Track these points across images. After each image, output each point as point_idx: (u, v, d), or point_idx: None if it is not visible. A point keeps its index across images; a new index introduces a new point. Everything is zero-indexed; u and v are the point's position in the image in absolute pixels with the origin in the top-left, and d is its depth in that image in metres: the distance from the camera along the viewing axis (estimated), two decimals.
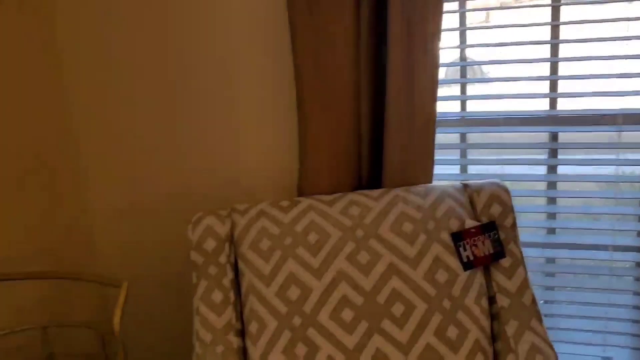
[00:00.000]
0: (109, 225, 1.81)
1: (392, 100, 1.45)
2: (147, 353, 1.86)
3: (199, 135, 1.69)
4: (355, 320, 1.28)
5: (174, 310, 1.81)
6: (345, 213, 1.39)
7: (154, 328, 1.86)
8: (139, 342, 1.84)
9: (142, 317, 1.81)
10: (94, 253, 1.83)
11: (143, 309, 1.81)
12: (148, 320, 1.84)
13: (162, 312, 1.83)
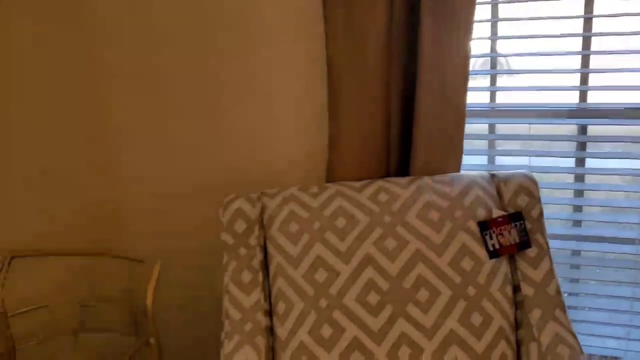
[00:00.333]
0: (140, 205, 1.86)
1: (423, 90, 1.47)
2: (175, 330, 1.91)
3: (232, 121, 1.72)
4: (381, 304, 1.30)
5: (203, 288, 1.86)
6: (374, 199, 1.42)
7: (183, 305, 1.91)
8: (168, 318, 1.89)
9: (171, 295, 1.86)
10: (126, 232, 1.88)
11: (172, 287, 1.86)
12: (177, 297, 1.89)
13: (191, 291, 1.88)
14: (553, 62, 1.67)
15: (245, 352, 1.29)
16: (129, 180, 1.85)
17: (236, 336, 1.32)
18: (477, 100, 1.72)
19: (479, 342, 1.29)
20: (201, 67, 1.69)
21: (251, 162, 1.74)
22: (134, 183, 1.85)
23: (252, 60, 1.66)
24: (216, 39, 1.66)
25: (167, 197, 1.83)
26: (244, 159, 1.74)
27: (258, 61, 1.65)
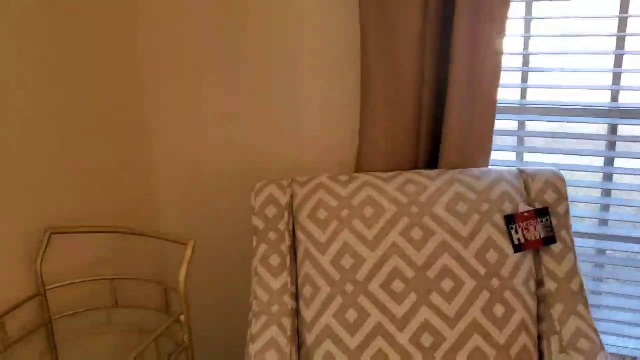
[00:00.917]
0: (173, 187, 1.93)
1: (455, 85, 1.49)
2: (205, 308, 1.97)
3: (265, 109, 1.76)
4: (405, 292, 1.33)
5: (232, 270, 1.91)
6: (402, 190, 1.44)
7: (213, 285, 1.97)
8: (199, 297, 1.96)
9: (201, 275, 1.93)
10: (161, 213, 1.94)
11: (203, 268, 1.92)
12: (207, 277, 1.95)
13: (221, 271, 1.94)
14: (586, 61, 1.67)
15: (272, 331, 1.33)
16: (165, 164, 1.91)
17: (263, 316, 1.36)
18: (508, 97, 1.73)
19: (500, 333, 1.31)
20: (235, 56, 1.73)
21: (283, 150, 1.78)
22: (169, 166, 1.91)
23: (286, 50, 1.69)
24: (250, 28, 1.70)
25: (201, 181, 1.89)
26: (276, 147, 1.78)
27: (292, 51, 1.69)
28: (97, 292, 1.64)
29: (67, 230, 1.49)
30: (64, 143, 1.54)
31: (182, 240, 1.41)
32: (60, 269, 1.55)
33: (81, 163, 1.60)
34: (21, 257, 1.43)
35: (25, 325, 1.46)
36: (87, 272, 1.62)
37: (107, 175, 1.71)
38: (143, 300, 1.61)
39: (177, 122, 1.86)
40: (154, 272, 1.92)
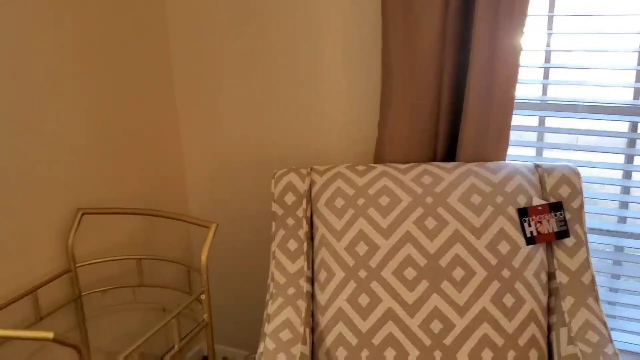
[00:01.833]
0: (200, 174, 2.00)
1: (474, 80, 1.51)
2: (226, 289, 2.04)
3: (288, 102, 1.81)
4: (417, 279, 1.37)
5: (252, 253, 1.98)
6: (417, 181, 1.48)
7: (233, 267, 2.04)
8: (220, 279, 2.03)
9: (223, 257, 2.00)
10: (186, 197, 2.02)
11: (225, 250, 1.99)
12: (229, 260, 2.02)
13: (241, 254, 2.01)
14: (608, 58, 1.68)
15: (287, 312, 1.38)
16: (193, 151, 1.99)
17: (280, 298, 1.41)
18: (529, 93, 1.75)
19: (509, 323, 1.34)
20: (260, 51, 1.79)
21: (306, 140, 1.83)
22: (197, 154, 1.98)
23: (309, 45, 1.74)
24: (274, 23, 1.75)
25: (226, 169, 1.96)
26: (298, 138, 1.84)
27: (314, 46, 1.74)
28: (125, 271, 1.72)
29: (98, 211, 1.57)
30: (99, 129, 1.62)
31: (206, 223, 1.48)
32: (91, 247, 1.63)
33: (114, 149, 1.68)
34: (54, 235, 1.52)
35: (57, 300, 1.54)
36: (116, 252, 1.71)
37: (138, 161, 1.79)
38: (168, 280, 1.69)
39: (205, 113, 1.93)
40: (179, 254, 2.00)
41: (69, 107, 1.52)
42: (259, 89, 1.83)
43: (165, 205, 1.93)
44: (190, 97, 1.93)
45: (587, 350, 1.27)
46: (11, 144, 1.37)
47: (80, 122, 1.56)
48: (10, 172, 1.38)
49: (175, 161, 1.97)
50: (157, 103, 1.85)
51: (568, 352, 1.30)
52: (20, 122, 1.39)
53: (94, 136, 1.61)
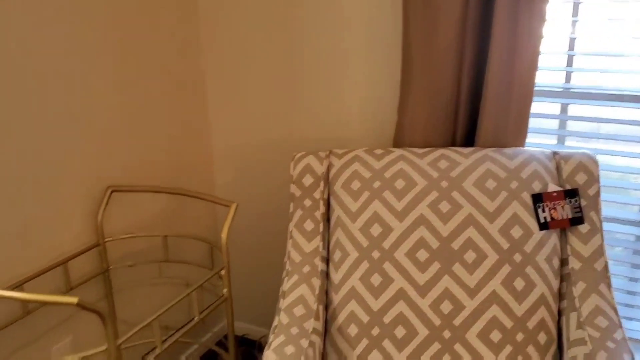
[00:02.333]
0: (226, 156, 2.07)
1: (493, 67, 1.52)
2: (245, 266, 2.12)
3: (311, 87, 1.86)
4: (429, 261, 1.40)
5: (271, 232, 2.04)
6: (434, 165, 1.50)
7: (253, 246, 2.11)
8: (240, 256, 2.10)
9: (245, 236, 2.07)
10: (213, 178, 2.09)
11: (246, 229, 2.06)
12: (249, 238, 2.09)
13: (261, 233, 2.08)
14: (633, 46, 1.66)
15: (301, 289, 1.43)
16: (219, 134, 2.05)
17: (295, 276, 1.46)
18: (552, 80, 1.74)
19: (519, 306, 1.36)
20: (285, 37, 1.83)
21: (328, 125, 1.87)
22: (223, 137, 2.04)
23: (332, 33, 1.77)
24: (300, 7, 1.79)
25: (251, 151, 2.01)
26: (321, 123, 1.88)
27: (338, 33, 1.77)
28: (151, 247, 1.80)
29: (126, 189, 1.64)
30: (129, 110, 1.69)
31: (226, 202, 1.53)
32: (119, 224, 1.71)
33: (143, 129, 1.75)
34: (84, 211, 1.60)
35: (86, 272, 1.63)
36: (143, 229, 1.78)
37: (167, 141, 1.85)
38: (192, 256, 1.75)
39: (233, 97, 1.98)
40: (205, 232, 2.07)
41: (101, 88, 1.59)
42: (284, 75, 1.88)
43: (193, 185, 2.00)
44: (219, 81, 1.99)
45: (595, 335, 1.29)
46: (45, 124, 1.45)
47: (111, 103, 1.63)
48: (44, 151, 1.45)
49: (203, 143, 2.03)
50: (186, 85, 1.91)
51: (576, 336, 1.31)
52: (53, 103, 1.46)
53: (125, 116, 1.68)
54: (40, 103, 1.43)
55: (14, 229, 1.41)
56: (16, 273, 1.43)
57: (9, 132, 1.36)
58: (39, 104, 1.43)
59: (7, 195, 1.38)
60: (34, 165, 1.43)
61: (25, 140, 1.40)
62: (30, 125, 1.41)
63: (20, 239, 1.43)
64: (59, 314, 1.55)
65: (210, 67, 1.98)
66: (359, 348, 1.38)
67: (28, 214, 1.44)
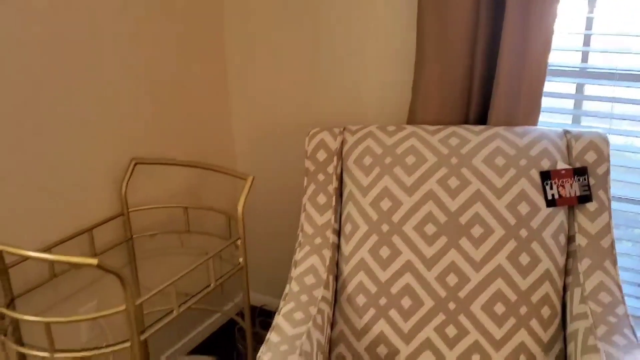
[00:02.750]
0: (247, 131, 2.13)
1: (507, 46, 1.54)
2: (261, 236, 2.19)
3: (328, 66, 1.90)
4: (436, 235, 1.44)
5: (285, 205, 2.11)
6: (444, 142, 1.53)
7: (270, 218, 2.19)
8: (257, 227, 2.18)
9: (262, 208, 2.14)
10: (233, 153, 2.16)
11: (262, 203, 2.13)
12: (266, 210, 2.16)
13: (282, 208, 2.14)
14: None
15: (313, 260, 1.49)
16: (239, 110, 2.11)
17: (307, 247, 1.52)
18: (568, 60, 1.75)
19: (523, 280, 1.39)
20: (306, 17, 1.87)
21: (344, 103, 1.92)
22: (243, 113, 2.10)
23: (348, 10, 1.81)
24: None
25: (268, 127, 2.07)
26: (338, 100, 1.92)
27: (353, 12, 1.80)
28: (173, 218, 1.88)
29: (149, 162, 1.71)
30: (153, 86, 1.76)
31: (243, 175, 1.59)
32: (143, 195, 1.79)
33: (167, 105, 1.82)
34: (110, 182, 1.68)
35: (111, 240, 1.71)
36: (165, 200, 1.86)
37: (190, 117, 1.92)
38: (212, 228, 1.83)
39: (253, 75, 2.04)
40: (225, 205, 2.14)
41: (125, 65, 1.66)
42: (304, 52, 1.92)
43: (215, 159, 2.07)
44: (240, 58, 2.04)
45: (597, 310, 1.31)
46: (73, 98, 1.52)
47: (136, 80, 1.70)
48: (72, 123, 1.53)
49: (224, 119, 2.09)
50: (208, 62, 1.97)
51: (579, 310, 1.34)
52: (82, 80, 1.54)
53: (149, 92, 1.75)
54: (70, 81, 1.51)
55: (43, 198, 1.49)
56: (45, 239, 1.52)
57: (39, 107, 1.44)
58: (69, 82, 1.50)
59: (37, 166, 1.46)
60: (63, 138, 1.51)
61: (56, 115, 1.48)
62: (60, 101, 1.49)
63: (49, 207, 1.51)
64: (84, 278, 1.64)
65: (232, 43, 2.03)
66: (367, 317, 1.44)
67: (56, 184, 1.52)
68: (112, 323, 1.74)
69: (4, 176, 1.40)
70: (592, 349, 1.23)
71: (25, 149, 1.43)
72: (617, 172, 1.71)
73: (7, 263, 1.40)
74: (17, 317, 1.23)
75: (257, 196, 2.19)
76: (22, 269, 1.47)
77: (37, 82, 1.43)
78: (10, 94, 1.38)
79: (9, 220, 1.43)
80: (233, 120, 2.14)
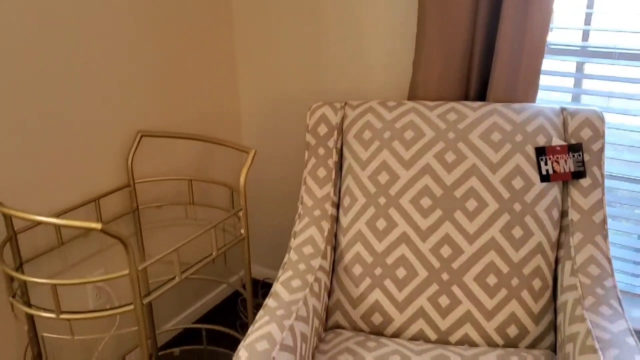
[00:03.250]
0: (252, 106, 2.17)
1: (505, 24, 1.55)
2: (264, 208, 2.24)
3: (334, 43, 1.92)
4: (432, 208, 1.48)
5: (287, 178, 2.16)
6: (442, 117, 1.56)
7: (272, 190, 2.24)
8: (260, 199, 2.22)
9: (263, 183, 2.18)
10: (239, 128, 2.20)
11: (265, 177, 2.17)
12: (268, 185, 2.21)
13: (278, 180, 2.19)
14: None
15: (311, 231, 1.53)
16: (246, 85, 2.14)
17: (306, 218, 1.56)
18: (568, 39, 1.76)
19: (516, 253, 1.43)
20: None
21: (349, 80, 1.94)
22: (250, 89, 2.14)
23: None
24: None
25: (274, 101, 2.11)
26: (342, 77, 1.95)
27: None
28: (179, 190, 1.92)
29: (154, 134, 1.76)
30: (161, 59, 1.80)
31: (245, 149, 1.63)
32: (148, 167, 1.83)
33: (174, 78, 1.86)
34: (116, 153, 1.72)
35: (117, 210, 1.76)
36: (171, 172, 1.90)
37: (196, 90, 1.96)
38: (216, 200, 1.87)
39: (260, 50, 2.07)
40: (229, 178, 2.19)
41: (133, 38, 1.69)
42: (309, 29, 1.95)
43: (221, 132, 2.11)
44: (247, 32, 2.07)
45: (586, 282, 1.35)
46: (81, 69, 1.56)
47: (144, 52, 1.73)
48: (80, 94, 1.57)
49: (231, 93, 2.13)
50: (216, 35, 2.00)
51: (569, 282, 1.38)
52: (90, 53, 1.58)
53: (156, 65, 1.79)
54: (78, 53, 1.55)
55: (51, 168, 1.54)
56: (52, 207, 1.57)
57: (48, 79, 1.48)
58: (78, 54, 1.54)
59: (46, 136, 1.51)
60: (70, 108, 1.56)
61: (64, 86, 1.53)
62: (68, 73, 1.53)
63: (57, 177, 1.56)
64: (91, 247, 1.70)
65: (239, 17, 2.06)
66: (362, 286, 1.48)
67: (64, 155, 1.57)
68: (119, 291, 1.80)
69: (14, 147, 1.45)
70: (579, 318, 1.27)
71: (33, 119, 1.48)
72: (618, 151, 1.73)
73: (17, 229, 1.46)
74: (25, 279, 1.28)
75: (262, 170, 2.24)
76: (31, 235, 1.53)
77: (45, 54, 1.47)
78: (19, 66, 1.42)
79: (18, 188, 1.48)
80: (240, 94, 2.17)
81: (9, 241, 1.43)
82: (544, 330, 1.42)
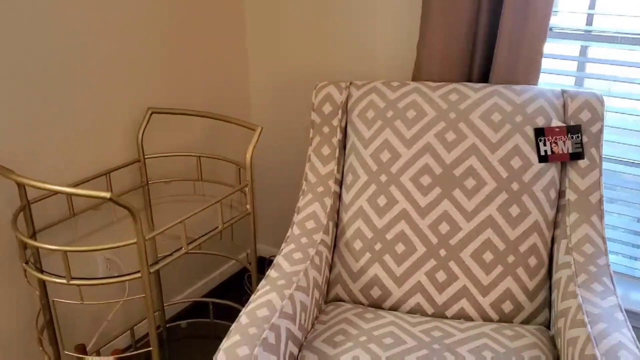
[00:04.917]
0: (261, 84, 2.21)
1: (508, 9, 1.57)
2: (269, 184, 2.29)
3: (341, 23, 1.95)
4: (431, 185, 1.51)
5: (292, 155, 2.21)
6: (444, 98, 1.59)
7: (278, 167, 2.29)
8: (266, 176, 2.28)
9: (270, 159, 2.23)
10: (249, 105, 2.24)
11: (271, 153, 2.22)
12: (275, 160, 2.27)
13: (284, 156, 2.24)
14: None
15: (314, 207, 1.57)
16: (256, 64, 2.18)
17: (310, 194, 1.61)
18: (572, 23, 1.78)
19: (512, 231, 1.46)
20: None
21: (354, 57, 1.98)
22: (259, 68, 2.18)
23: None
24: None
25: (282, 80, 2.15)
26: (348, 55, 1.99)
27: None
28: (187, 167, 1.97)
29: (164, 111, 1.80)
30: (170, 37, 1.84)
31: (252, 126, 1.67)
32: (158, 143, 1.88)
33: (184, 55, 1.90)
34: (127, 129, 1.77)
35: (127, 184, 1.82)
36: (180, 149, 1.95)
37: (206, 68, 2.00)
38: (224, 176, 1.92)
39: (270, 28, 2.11)
40: (237, 155, 2.24)
41: (143, 16, 1.74)
42: (319, 9, 1.98)
43: (230, 109, 2.16)
44: (258, 11, 2.11)
45: (580, 260, 1.38)
46: (94, 48, 1.61)
47: (155, 30, 1.78)
48: (91, 71, 1.62)
49: (241, 72, 2.17)
50: (227, 13, 2.04)
51: (563, 260, 1.41)
52: (101, 31, 1.62)
53: (167, 43, 1.83)
54: (91, 29, 1.59)
55: (63, 142, 1.60)
56: (64, 180, 1.62)
57: (62, 55, 1.53)
58: (90, 30, 1.59)
59: (58, 110, 1.56)
60: (82, 84, 1.61)
61: (77, 62, 1.58)
62: (81, 49, 1.58)
63: (69, 150, 1.62)
64: (101, 219, 1.75)
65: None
66: (362, 260, 1.52)
67: (76, 129, 1.62)
68: (128, 263, 1.85)
69: (27, 119, 1.50)
70: (571, 294, 1.31)
71: (46, 93, 1.53)
72: (619, 135, 1.75)
73: (30, 199, 1.52)
74: (38, 245, 1.34)
75: (271, 148, 2.28)
76: (44, 206, 1.58)
77: (59, 31, 1.52)
78: (33, 43, 1.47)
79: (32, 161, 1.54)
80: (250, 73, 2.22)
81: (23, 210, 1.49)
82: (539, 306, 1.46)
